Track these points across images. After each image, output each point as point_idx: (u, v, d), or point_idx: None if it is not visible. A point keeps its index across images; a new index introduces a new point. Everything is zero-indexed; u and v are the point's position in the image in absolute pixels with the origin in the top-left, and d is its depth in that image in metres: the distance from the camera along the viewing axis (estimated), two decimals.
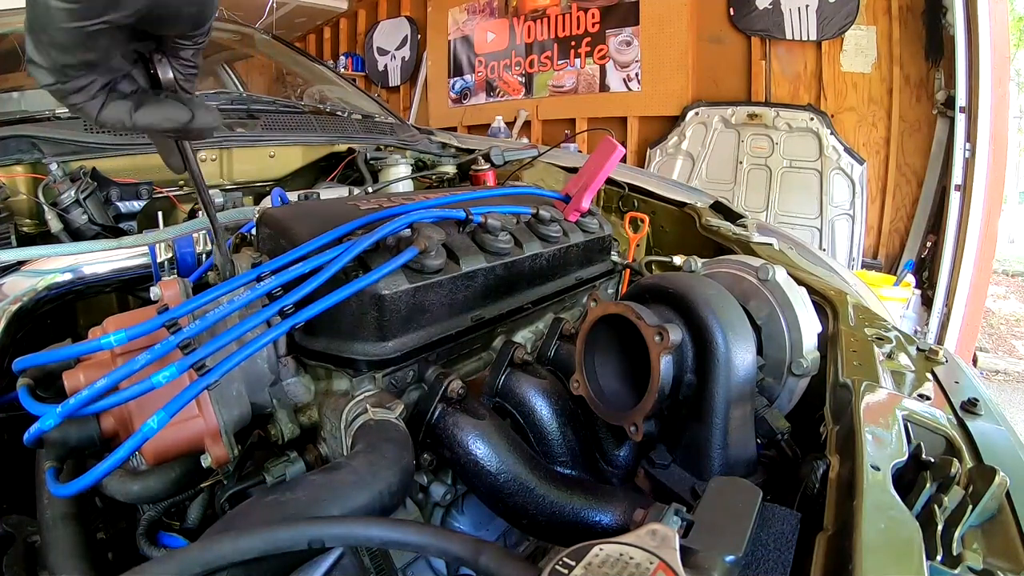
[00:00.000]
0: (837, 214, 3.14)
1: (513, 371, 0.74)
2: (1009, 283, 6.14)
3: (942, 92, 2.88)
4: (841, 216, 3.13)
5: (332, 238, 0.65)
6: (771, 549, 0.44)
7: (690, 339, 0.64)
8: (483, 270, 0.76)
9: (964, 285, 2.67)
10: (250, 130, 1.28)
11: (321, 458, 0.65)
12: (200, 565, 0.33)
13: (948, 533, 0.44)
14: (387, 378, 0.68)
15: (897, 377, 0.69)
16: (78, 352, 0.52)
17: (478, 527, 0.79)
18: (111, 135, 1.09)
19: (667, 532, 0.33)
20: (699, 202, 1.29)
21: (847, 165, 3.08)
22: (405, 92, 5.69)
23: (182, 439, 0.54)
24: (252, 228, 0.82)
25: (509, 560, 0.33)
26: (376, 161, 1.40)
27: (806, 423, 0.71)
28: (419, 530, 0.36)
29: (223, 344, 0.53)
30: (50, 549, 0.55)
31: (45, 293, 0.74)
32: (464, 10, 4.94)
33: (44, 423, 0.48)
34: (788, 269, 0.84)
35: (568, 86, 4.32)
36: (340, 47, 6.17)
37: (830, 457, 0.54)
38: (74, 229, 0.93)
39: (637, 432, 0.61)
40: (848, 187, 3.10)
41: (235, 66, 2.37)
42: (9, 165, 0.98)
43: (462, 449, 0.63)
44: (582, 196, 0.97)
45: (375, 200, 0.81)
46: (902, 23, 3.02)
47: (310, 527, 0.36)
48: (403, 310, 0.66)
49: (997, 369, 3.49)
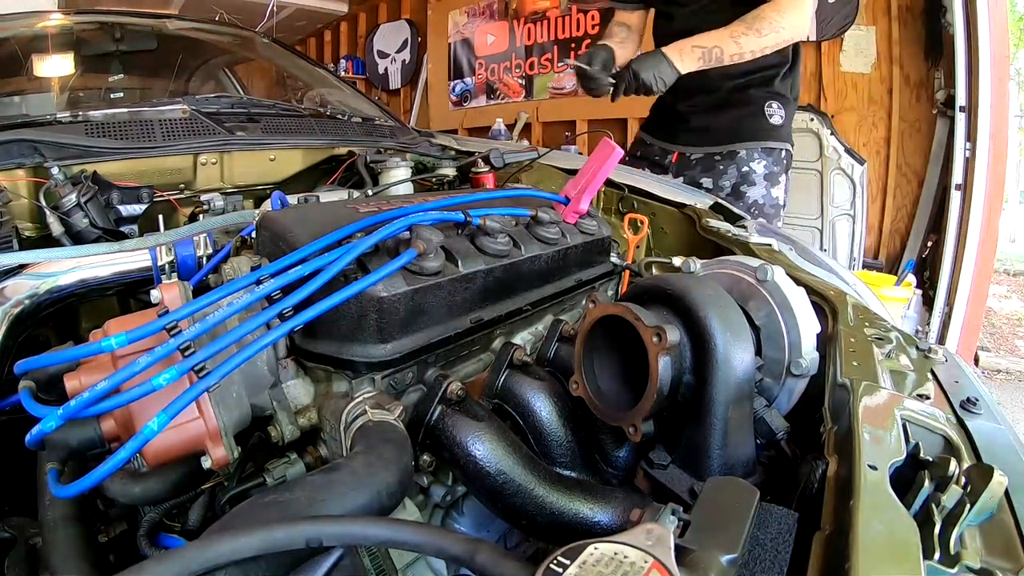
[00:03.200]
0: (838, 214, 3.13)
1: (512, 372, 0.74)
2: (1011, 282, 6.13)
3: (942, 92, 2.88)
4: (842, 216, 3.13)
5: (331, 241, 0.65)
6: (768, 549, 0.44)
7: (688, 340, 0.64)
8: (482, 272, 0.76)
9: (965, 284, 2.67)
10: (250, 133, 1.29)
11: (321, 459, 0.66)
12: (198, 564, 0.33)
13: (946, 532, 0.44)
14: (386, 380, 0.68)
15: (896, 377, 0.69)
16: (79, 355, 0.52)
17: (478, 528, 0.79)
18: (112, 139, 1.10)
19: (662, 531, 0.33)
20: (699, 203, 1.29)
21: (847, 165, 3.08)
22: (406, 95, 5.70)
23: (182, 441, 0.54)
24: (252, 231, 0.82)
25: (505, 559, 0.33)
26: (376, 164, 1.41)
27: (806, 423, 0.71)
28: (415, 529, 0.36)
29: (223, 347, 0.54)
30: (51, 550, 0.55)
31: (47, 296, 0.74)
32: (464, 13, 4.94)
33: (46, 425, 0.49)
34: (787, 270, 0.84)
35: (568, 88, 4.32)
36: (340, 50, 6.18)
37: (828, 457, 0.54)
38: (75, 232, 0.94)
39: (636, 433, 0.62)
40: (848, 187, 3.10)
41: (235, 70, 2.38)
42: (10, 169, 0.98)
43: (461, 450, 0.63)
44: (581, 198, 0.97)
45: (374, 203, 0.82)
46: (901, 23, 3.02)
47: (307, 526, 0.36)
48: (402, 312, 0.67)
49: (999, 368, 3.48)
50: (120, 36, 1.79)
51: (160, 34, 1.92)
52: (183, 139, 1.17)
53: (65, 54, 1.70)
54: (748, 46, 1.33)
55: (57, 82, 1.67)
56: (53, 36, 1.72)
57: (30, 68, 1.63)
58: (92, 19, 1.86)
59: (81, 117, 1.15)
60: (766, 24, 1.33)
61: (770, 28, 1.33)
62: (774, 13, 1.33)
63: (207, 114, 1.28)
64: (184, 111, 1.25)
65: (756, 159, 1.59)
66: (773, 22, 1.33)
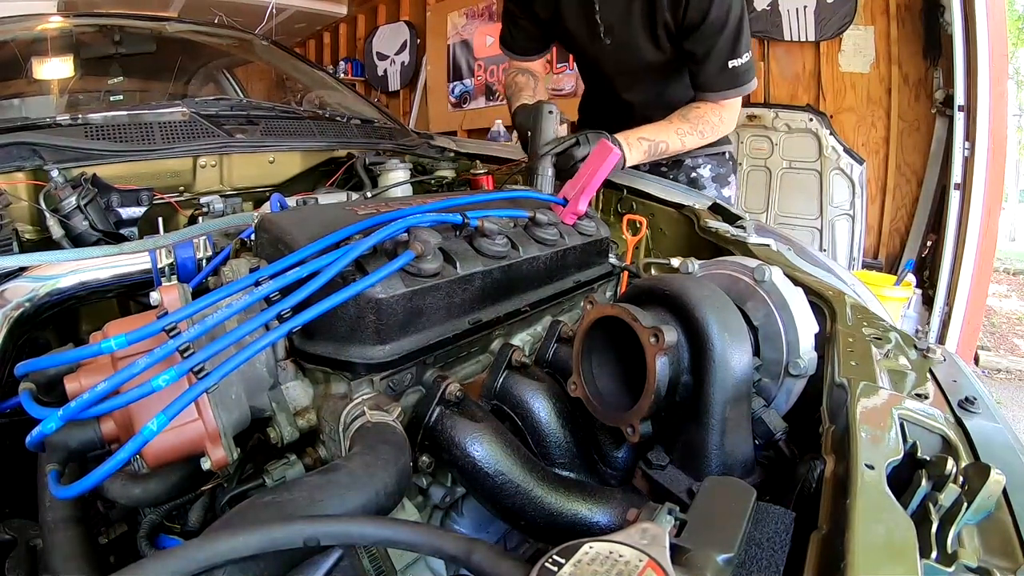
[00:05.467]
0: (837, 214, 3.13)
1: (511, 373, 0.74)
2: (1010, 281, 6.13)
3: (941, 91, 2.88)
4: (841, 216, 3.13)
5: (329, 243, 0.66)
6: (765, 548, 0.44)
7: (686, 340, 0.64)
8: (480, 273, 0.76)
9: (965, 284, 2.67)
10: (250, 136, 1.29)
11: (320, 460, 0.66)
12: (197, 562, 0.33)
13: (943, 531, 0.44)
14: (385, 381, 0.69)
15: (895, 376, 0.69)
16: (79, 356, 0.53)
17: (478, 529, 0.79)
18: (112, 142, 1.10)
19: (658, 530, 0.33)
20: (697, 204, 1.29)
21: (846, 165, 3.08)
22: (405, 97, 5.71)
23: (182, 442, 0.54)
24: (251, 233, 0.83)
25: (501, 558, 0.33)
26: (375, 166, 1.41)
27: (805, 423, 0.72)
28: (412, 529, 0.36)
29: (222, 348, 0.54)
30: (52, 552, 0.56)
31: (47, 299, 0.74)
32: (463, 14, 4.95)
33: (46, 426, 0.49)
34: (785, 270, 0.84)
35: (567, 89, 4.33)
36: (340, 52, 6.19)
37: (825, 457, 0.55)
38: (75, 235, 0.94)
39: (634, 433, 0.62)
40: (848, 187, 3.10)
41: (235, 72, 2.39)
42: (10, 172, 0.98)
43: (460, 451, 0.63)
44: (579, 199, 0.97)
45: (372, 205, 0.82)
46: (900, 23, 3.02)
47: (305, 525, 0.36)
48: (400, 313, 0.67)
49: (999, 368, 3.48)
50: (119, 39, 1.79)
51: (159, 37, 1.92)
52: (183, 142, 1.18)
53: (65, 57, 1.71)
54: (690, 144, 1.41)
55: (57, 85, 1.68)
56: (53, 39, 1.72)
57: (30, 71, 1.63)
58: (91, 22, 1.86)
59: (81, 120, 1.15)
60: (709, 128, 1.41)
61: (712, 132, 1.42)
62: (716, 118, 1.40)
63: (206, 117, 1.28)
64: (183, 114, 1.26)
65: (701, 164, 1.65)
66: (715, 127, 1.42)
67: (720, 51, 1.29)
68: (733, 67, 1.31)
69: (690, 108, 1.39)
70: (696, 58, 1.34)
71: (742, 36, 1.29)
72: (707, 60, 1.32)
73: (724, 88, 1.35)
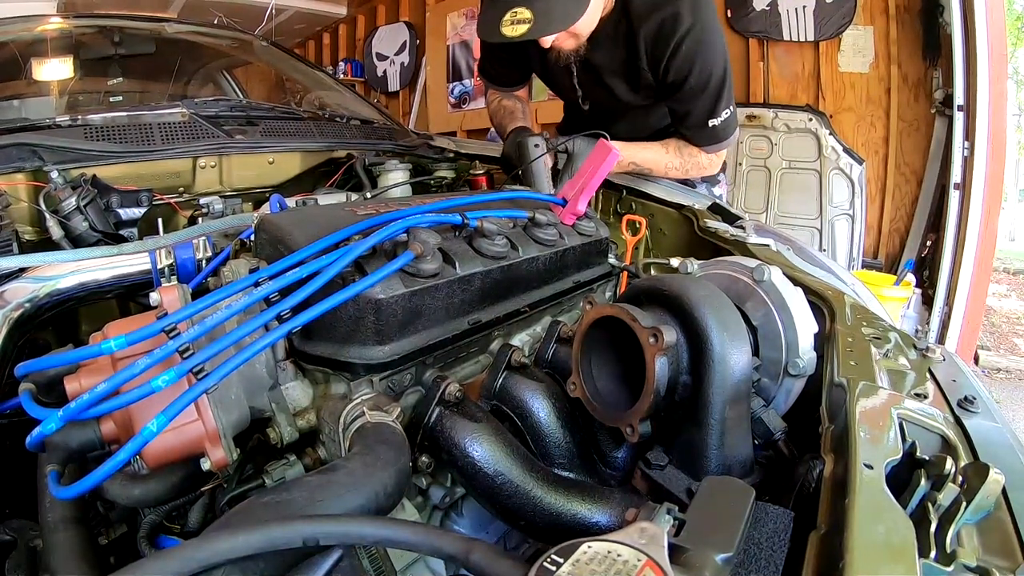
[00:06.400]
0: (837, 214, 3.13)
1: (510, 374, 0.75)
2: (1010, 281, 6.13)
3: (940, 91, 2.88)
4: (841, 216, 3.13)
5: (329, 243, 0.66)
6: (764, 548, 0.44)
7: (685, 340, 0.64)
8: (479, 274, 0.76)
9: (965, 283, 2.67)
10: (249, 136, 1.29)
11: (320, 461, 0.66)
12: (197, 562, 0.33)
13: (942, 531, 0.44)
14: (384, 381, 0.69)
15: (894, 376, 0.69)
16: (79, 357, 0.53)
17: (477, 529, 0.79)
18: (111, 143, 1.10)
19: (656, 530, 0.33)
20: (697, 204, 1.29)
21: (846, 165, 3.08)
22: (404, 97, 5.71)
23: (182, 443, 0.54)
24: (251, 234, 0.83)
25: (499, 558, 0.33)
26: (375, 166, 1.41)
27: (804, 423, 0.72)
28: (411, 529, 0.36)
29: (221, 349, 0.54)
30: (52, 552, 0.56)
31: (47, 300, 0.74)
32: (463, 15, 4.95)
33: (46, 427, 0.49)
34: (784, 270, 0.84)
35: None
36: (339, 53, 6.19)
37: (824, 456, 0.55)
38: (75, 236, 0.94)
39: (633, 433, 0.62)
40: (847, 187, 3.10)
41: (234, 73, 2.39)
42: (10, 173, 0.98)
43: (459, 451, 0.63)
44: (578, 199, 0.97)
45: (372, 205, 0.82)
46: (899, 22, 3.02)
47: (304, 525, 0.36)
48: (399, 314, 0.67)
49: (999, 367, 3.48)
50: (119, 40, 1.80)
51: (159, 37, 1.92)
52: (182, 142, 1.18)
53: (64, 58, 1.71)
54: (671, 176, 1.43)
55: (56, 86, 1.68)
56: (52, 40, 1.72)
57: (29, 72, 1.63)
58: (91, 23, 1.86)
59: (80, 121, 1.15)
60: (696, 170, 1.44)
61: (697, 172, 1.46)
62: (707, 161, 1.42)
63: (206, 117, 1.28)
64: (183, 115, 1.26)
65: None
66: (703, 169, 1.45)
67: (700, 112, 1.30)
68: (712, 126, 1.31)
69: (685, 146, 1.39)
70: (677, 114, 1.35)
71: (723, 96, 1.28)
72: (687, 117, 1.32)
73: (704, 144, 1.37)
